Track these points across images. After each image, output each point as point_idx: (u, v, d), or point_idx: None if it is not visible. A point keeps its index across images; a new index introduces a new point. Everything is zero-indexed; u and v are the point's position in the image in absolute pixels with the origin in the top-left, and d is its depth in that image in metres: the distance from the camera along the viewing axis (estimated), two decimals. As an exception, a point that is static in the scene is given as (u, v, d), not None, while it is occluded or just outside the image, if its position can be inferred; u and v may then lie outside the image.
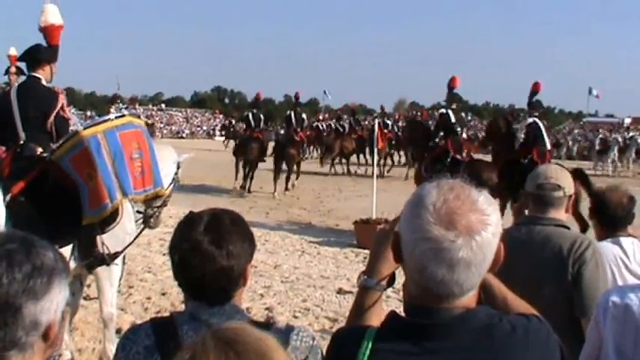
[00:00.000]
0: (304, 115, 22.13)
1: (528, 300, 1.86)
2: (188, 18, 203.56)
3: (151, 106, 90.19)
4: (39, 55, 5.77)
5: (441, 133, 13.53)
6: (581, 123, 70.62)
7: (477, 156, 14.48)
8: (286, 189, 19.82)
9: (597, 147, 34.80)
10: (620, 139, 34.53)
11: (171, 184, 6.26)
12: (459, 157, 12.82)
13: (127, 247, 5.82)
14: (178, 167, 6.53)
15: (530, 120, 12.83)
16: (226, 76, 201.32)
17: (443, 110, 14.42)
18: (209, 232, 1.97)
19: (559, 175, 3.14)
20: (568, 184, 3.10)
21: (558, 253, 2.93)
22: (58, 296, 1.47)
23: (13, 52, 12.26)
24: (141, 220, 6.28)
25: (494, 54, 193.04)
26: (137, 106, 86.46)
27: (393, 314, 1.61)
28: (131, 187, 5.44)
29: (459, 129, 13.78)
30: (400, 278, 1.70)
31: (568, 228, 3.08)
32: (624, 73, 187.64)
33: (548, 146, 12.87)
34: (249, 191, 19.41)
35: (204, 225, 1.98)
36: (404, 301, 1.62)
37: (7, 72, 12.05)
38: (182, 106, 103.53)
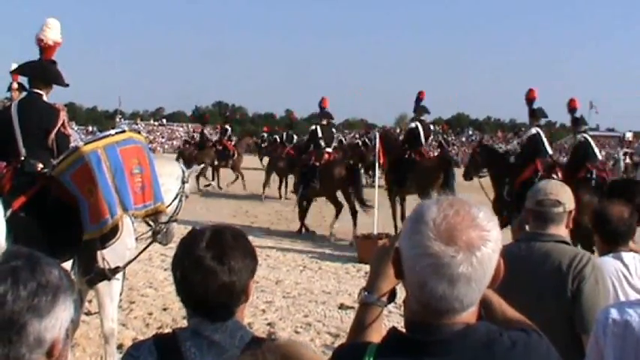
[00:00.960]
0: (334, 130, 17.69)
1: (529, 316, 1.87)
2: (189, 32, 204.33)
3: (152, 121, 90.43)
4: (48, 77, 5.80)
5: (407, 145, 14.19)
6: (582, 137, 70.51)
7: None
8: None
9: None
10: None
11: (175, 199, 6.26)
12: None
13: (129, 263, 5.82)
14: (184, 182, 6.52)
15: (534, 131, 12.24)
16: (227, 91, 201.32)
17: (412, 124, 15.06)
18: (211, 248, 1.98)
19: (559, 190, 3.15)
20: (568, 200, 3.12)
21: (558, 269, 2.94)
22: (62, 314, 1.47)
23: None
24: (147, 236, 6.29)
25: (495, 68, 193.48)
26: (139, 121, 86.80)
27: (393, 330, 1.61)
28: (131, 202, 5.46)
29: (423, 140, 14.59)
30: (401, 294, 1.71)
31: (568, 244, 3.09)
32: (625, 88, 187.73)
33: (557, 157, 12.38)
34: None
35: (206, 241, 2.00)
36: (405, 318, 1.63)
37: (9, 88, 12.12)
38: (183, 121, 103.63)
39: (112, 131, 5.92)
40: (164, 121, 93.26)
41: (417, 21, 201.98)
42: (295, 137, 23.09)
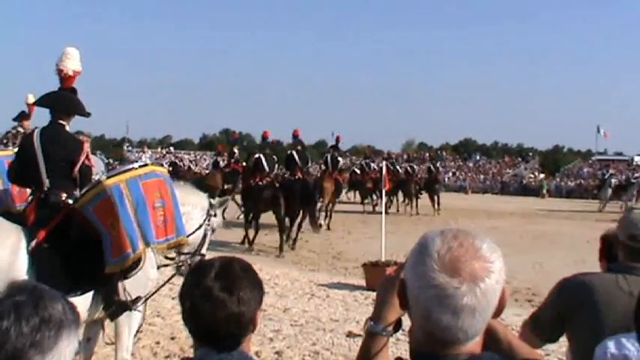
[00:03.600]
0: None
1: None
2: (195, 60, 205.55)
3: (159, 149, 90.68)
4: (71, 107, 5.86)
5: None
6: (590, 161, 70.51)
7: None
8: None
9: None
10: None
11: (198, 229, 6.25)
12: None
13: (152, 295, 5.84)
14: (210, 214, 6.52)
15: None
16: (234, 118, 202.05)
17: (288, 152, 18.65)
18: (220, 279, 2.01)
19: None
20: None
21: None
22: (65, 349, 1.47)
23: (32, 99, 12.45)
24: (170, 267, 6.29)
25: (502, 93, 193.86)
26: (145, 149, 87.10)
27: None
28: (153, 236, 5.46)
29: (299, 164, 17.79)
30: (407, 322, 1.72)
31: None
32: (632, 112, 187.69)
33: None
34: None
35: (215, 272, 2.02)
36: (410, 347, 1.64)
37: (19, 117, 12.22)
38: (190, 148, 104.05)
39: (135, 164, 5.98)
40: (171, 148, 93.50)
41: (421, 47, 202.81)
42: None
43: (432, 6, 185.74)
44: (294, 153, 18.21)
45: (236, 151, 27.95)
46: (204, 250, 6.44)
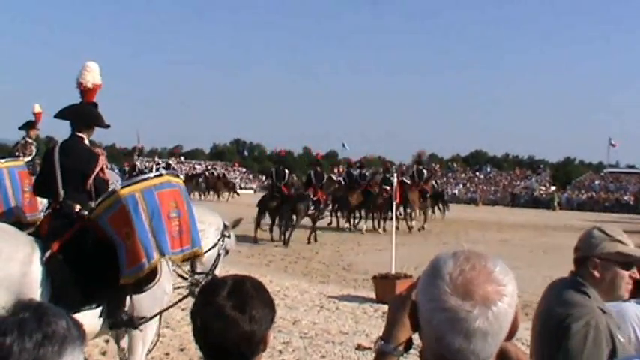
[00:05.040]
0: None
1: None
2: (206, 70, 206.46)
3: (170, 159, 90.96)
4: (92, 120, 5.90)
5: None
6: (602, 174, 70.26)
7: None
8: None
9: None
10: None
11: (212, 248, 6.24)
12: None
13: (159, 313, 5.78)
14: (224, 235, 6.52)
15: None
16: (245, 128, 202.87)
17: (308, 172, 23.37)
18: (232, 297, 2.00)
19: None
20: None
21: None
22: None
23: (38, 109, 12.55)
24: (183, 286, 6.27)
25: (513, 105, 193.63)
26: (156, 158, 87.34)
27: None
28: (169, 246, 5.40)
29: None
30: (418, 340, 1.72)
31: None
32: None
33: None
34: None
35: (227, 290, 2.02)
36: None
37: (26, 126, 12.30)
38: (201, 158, 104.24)
39: (150, 174, 5.97)
40: (182, 158, 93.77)
41: (433, 57, 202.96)
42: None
43: (441, 12, 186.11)
44: (311, 173, 22.91)
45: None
46: (217, 271, 6.38)
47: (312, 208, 21.30)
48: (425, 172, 27.83)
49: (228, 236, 6.56)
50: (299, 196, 21.29)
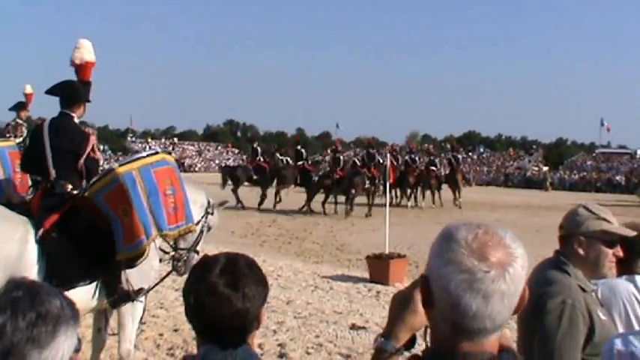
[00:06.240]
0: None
1: None
2: (199, 51, 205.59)
3: (163, 140, 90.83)
4: (78, 95, 5.82)
5: None
6: (594, 154, 70.45)
7: None
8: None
9: None
10: None
11: (196, 223, 6.26)
12: None
13: (153, 287, 5.91)
14: (207, 212, 6.52)
15: None
16: (238, 109, 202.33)
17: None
18: (225, 275, 1.99)
19: None
20: None
21: None
22: (63, 344, 1.45)
23: (29, 89, 12.44)
24: (165, 261, 6.30)
25: (506, 85, 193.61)
26: (150, 139, 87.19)
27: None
28: (166, 223, 5.53)
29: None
30: (420, 340, 1.72)
31: None
32: (636, 105, 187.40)
33: None
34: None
35: (220, 268, 2.00)
36: (426, 349, 1.63)
37: (17, 107, 12.21)
38: (194, 139, 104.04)
39: (144, 153, 6.00)
40: (175, 139, 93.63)
41: (426, 38, 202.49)
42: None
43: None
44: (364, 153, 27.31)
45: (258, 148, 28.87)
46: (199, 248, 6.42)
47: (367, 183, 24.01)
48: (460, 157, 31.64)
49: (212, 213, 6.57)
50: (355, 172, 23.97)
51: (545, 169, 63.16)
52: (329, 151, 36.43)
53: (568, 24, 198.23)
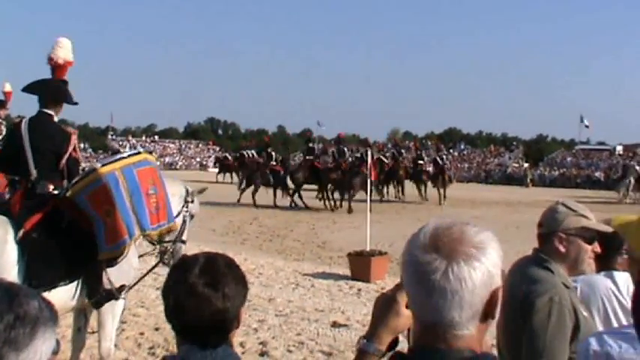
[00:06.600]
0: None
1: None
2: (180, 48, 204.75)
3: (144, 138, 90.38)
4: (61, 95, 5.80)
5: None
6: (574, 151, 70.93)
7: None
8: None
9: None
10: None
11: (177, 215, 6.24)
12: None
13: (136, 283, 5.95)
14: (187, 202, 6.53)
15: None
16: (219, 107, 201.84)
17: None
18: (204, 275, 1.98)
19: None
20: None
21: None
22: (41, 347, 1.42)
23: (8, 87, 12.34)
24: (151, 253, 6.31)
25: (486, 83, 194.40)
26: (130, 137, 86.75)
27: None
28: (148, 222, 5.55)
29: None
30: (403, 343, 1.73)
31: None
32: (615, 101, 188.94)
33: None
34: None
35: (199, 268, 2.00)
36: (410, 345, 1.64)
37: None
38: (175, 137, 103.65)
39: (125, 153, 6.00)
40: (156, 137, 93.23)
41: (407, 36, 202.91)
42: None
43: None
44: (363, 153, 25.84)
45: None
46: (184, 237, 6.44)
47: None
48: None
49: (192, 201, 6.56)
50: (356, 173, 23.91)
51: (526, 165, 63.52)
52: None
53: (547, 21, 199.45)
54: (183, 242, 6.41)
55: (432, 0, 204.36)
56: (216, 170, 48.82)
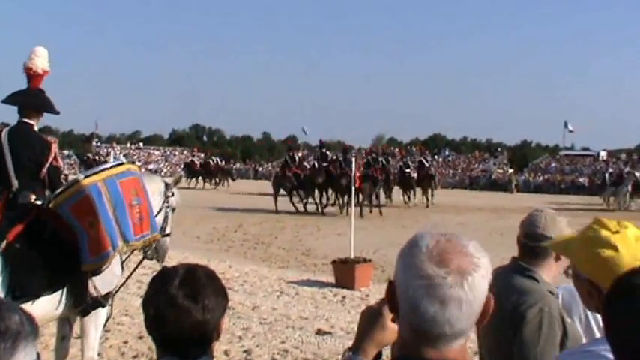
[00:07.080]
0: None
1: None
2: (165, 55, 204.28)
3: (128, 145, 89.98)
4: (39, 105, 5.78)
5: None
6: (558, 157, 71.32)
7: None
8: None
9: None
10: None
11: (159, 212, 6.23)
12: None
13: (120, 286, 5.99)
14: (167, 197, 6.51)
15: None
16: (204, 114, 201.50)
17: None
18: (184, 286, 2.00)
19: None
20: None
21: None
22: None
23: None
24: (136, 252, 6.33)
25: (471, 89, 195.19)
26: (115, 144, 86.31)
27: None
28: (132, 233, 5.55)
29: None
30: (386, 351, 1.74)
31: None
32: (598, 108, 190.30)
33: None
34: None
35: (179, 279, 2.01)
36: (392, 354, 1.65)
37: None
38: (160, 144, 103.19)
39: (108, 165, 5.99)
40: (141, 144, 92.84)
41: (393, 42, 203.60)
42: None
43: None
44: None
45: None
46: (168, 230, 6.48)
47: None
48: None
49: (172, 194, 6.56)
50: (344, 175, 24.19)
51: (511, 171, 63.72)
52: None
53: (532, 27, 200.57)
54: (168, 235, 6.45)
55: (416, 4, 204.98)
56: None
